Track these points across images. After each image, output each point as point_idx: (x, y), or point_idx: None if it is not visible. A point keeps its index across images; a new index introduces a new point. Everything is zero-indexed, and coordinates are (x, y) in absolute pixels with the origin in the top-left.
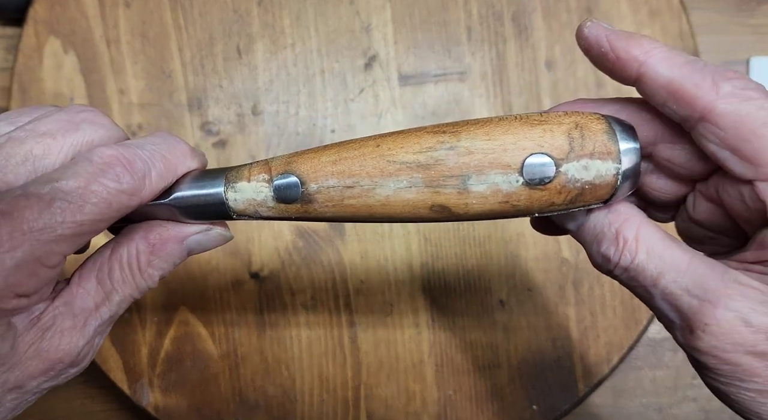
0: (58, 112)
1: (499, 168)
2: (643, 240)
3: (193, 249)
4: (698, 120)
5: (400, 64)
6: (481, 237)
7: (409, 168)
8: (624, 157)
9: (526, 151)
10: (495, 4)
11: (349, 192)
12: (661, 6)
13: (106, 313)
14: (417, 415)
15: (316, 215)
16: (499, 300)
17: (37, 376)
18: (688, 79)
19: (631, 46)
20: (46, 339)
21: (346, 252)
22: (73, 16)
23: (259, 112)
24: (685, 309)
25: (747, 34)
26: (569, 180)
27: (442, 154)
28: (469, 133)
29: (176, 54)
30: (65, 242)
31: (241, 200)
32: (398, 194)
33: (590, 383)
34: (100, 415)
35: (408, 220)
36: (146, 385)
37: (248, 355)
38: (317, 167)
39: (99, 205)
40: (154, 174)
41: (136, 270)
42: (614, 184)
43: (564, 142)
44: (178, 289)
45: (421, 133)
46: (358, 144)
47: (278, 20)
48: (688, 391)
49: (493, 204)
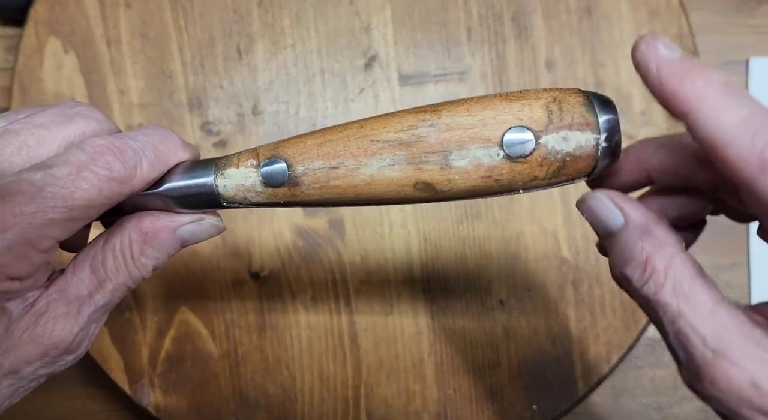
0: (53, 107)
1: (479, 142)
2: (672, 274)
3: (186, 239)
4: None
5: (400, 64)
6: (481, 237)
7: (391, 146)
8: (603, 127)
9: (506, 125)
10: (495, 5)
11: (335, 173)
12: (661, 6)
13: (100, 300)
14: (417, 414)
15: (303, 198)
16: (499, 300)
17: (32, 362)
18: (733, 147)
19: (682, 86)
20: (40, 324)
21: (346, 252)
22: (74, 17)
23: (259, 112)
24: (697, 357)
25: (746, 35)
26: (549, 152)
27: (423, 131)
28: (449, 110)
29: (176, 54)
30: (56, 226)
31: (230, 186)
32: (382, 172)
33: (590, 383)
34: (101, 415)
35: (394, 201)
36: (147, 384)
37: (248, 354)
38: (303, 150)
39: (90, 191)
40: (145, 163)
41: (129, 259)
42: (595, 155)
43: (543, 115)
44: (178, 289)
45: (402, 113)
46: (343, 127)
47: (278, 20)
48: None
49: (476, 179)
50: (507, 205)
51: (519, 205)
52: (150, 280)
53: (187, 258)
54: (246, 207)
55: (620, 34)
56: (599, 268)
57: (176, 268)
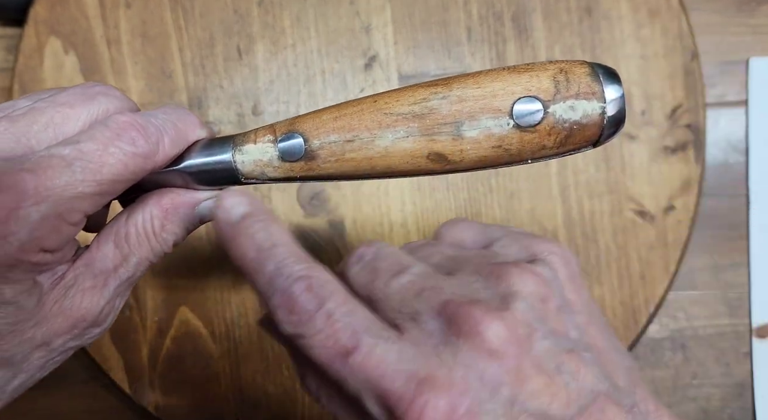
0: (74, 87)
1: (490, 112)
2: None
3: (205, 216)
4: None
5: (400, 65)
6: None
7: (405, 118)
8: (608, 96)
9: (515, 95)
10: (495, 5)
11: (350, 146)
12: (661, 6)
13: (125, 274)
14: None
15: (319, 172)
16: None
17: (62, 334)
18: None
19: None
20: (68, 297)
21: (346, 252)
22: (74, 17)
23: (259, 113)
24: None
25: (746, 35)
26: (557, 121)
27: (436, 103)
28: (460, 83)
29: (176, 54)
30: (86, 200)
31: (248, 162)
32: (396, 144)
33: None
34: (101, 414)
35: (408, 173)
36: (147, 384)
37: (249, 354)
38: (318, 124)
39: (116, 166)
40: (166, 140)
41: (151, 233)
42: (601, 123)
43: (550, 85)
44: (178, 289)
45: (415, 87)
46: (357, 102)
47: (278, 21)
48: (687, 391)
49: (487, 149)
50: (507, 205)
51: (519, 205)
52: (150, 279)
53: (187, 257)
54: (263, 183)
55: (620, 34)
56: (599, 268)
57: (176, 267)
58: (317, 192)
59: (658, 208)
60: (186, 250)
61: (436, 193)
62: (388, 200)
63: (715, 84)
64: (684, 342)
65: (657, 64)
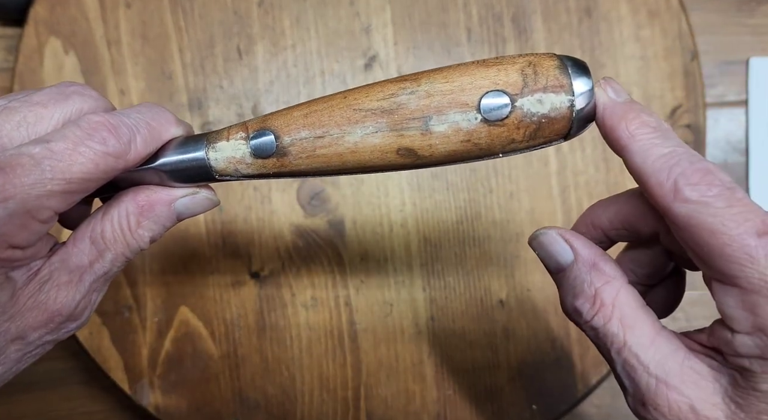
0: (50, 87)
1: (457, 107)
2: (619, 307)
3: (182, 212)
4: (662, 215)
5: (400, 65)
6: (481, 237)
7: (374, 114)
8: (576, 90)
9: (483, 90)
10: (495, 6)
11: (320, 142)
12: (661, 6)
13: (101, 269)
14: (417, 414)
15: (291, 168)
16: (498, 300)
17: (37, 328)
18: (654, 177)
19: (617, 127)
20: (44, 292)
21: (346, 252)
22: (74, 17)
23: (259, 113)
24: (641, 384)
25: (746, 35)
26: (525, 114)
27: (404, 98)
28: (428, 78)
29: (176, 55)
30: (55, 198)
31: (221, 159)
32: (365, 140)
33: (589, 383)
34: (101, 414)
35: (379, 168)
36: (147, 385)
37: (248, 355)
38: (289, 121)
39: (86, 165)
40: (139, 139)
41: (127, 230)
42: (569, 116)
43: (518, 79)
44: (178, 289)
45: (384, 82)
46: (328, 98)
47: (278, 21)
48: None
49: (456, 143)
50: (507, 205)
51: (519, 205)
52: (150, 280)
53: (187, 258)
54: (238, 180)
55: (620, 34)
56: None
57: (176, 268)
58: (317, 192)
59: None
60: (186, 250)
61: (436, 193)
62: (388, 200)
63: (715, 84)
64: None
65: (657, 64)
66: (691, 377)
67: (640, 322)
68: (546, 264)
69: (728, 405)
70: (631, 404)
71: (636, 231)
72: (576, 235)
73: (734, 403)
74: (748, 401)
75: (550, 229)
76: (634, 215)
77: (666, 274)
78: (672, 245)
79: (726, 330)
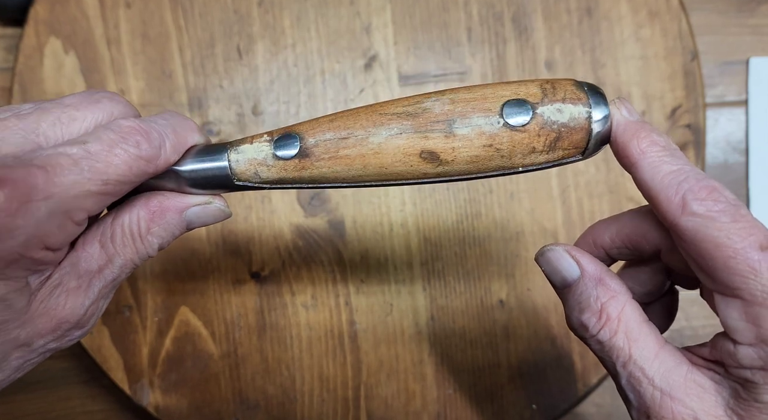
0: (80, 92)
1: (481, 112)
2: (624, 321)
3: (192, 221)
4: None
5: (400, 65)
6: (481, 237)
7: (399, 117)
8: (593, 102)
9: (504, 98)
10: (495, 5)
11: (344, 143)
12: (661, 7)
13: (109, 275)
14: (417, 414)
15: (311, 172)
16: (499, 300)
17: (44, 335)
18: (663, 192)
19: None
20: (54, 297)
21: (346, 252)
22: (74, 17)
23: (259, 113)
24: (646, 397)
25: (746, 35)
26: (546, 122)
27: (429, 104)
28: (452, 91)
29: (177, 54)
30: (91, 199)
31: (242, 160)
32: (389, 141)
33: (589, 383)
34: (101, 414)
35: (401, 175)
36: (147, 385)
37: (248, 354)
38: (315, 125)
39: (121, 167)
40: (168, 144)
41: (137, 235)
42: (587, 128)
43: (537, 91)
44: (178, 289)
45: (410, 95)
46: (354, 108)
47: (279, 21)
48: None
49: (478, 147)
50: (507, 205)
51: (519, 205)
52: (150, 280)
53: (187, 258)
54: (256, 187)
55: (620, 34)
56: None
57: (176, 268)
58: (317, 192)
59: None
60: (186, 250)
61: (436, 193)
62: (388, 200)
63: (715, 84)
64: (684, 342)
65: (657, 64)
66: (694, 390)
67: (644, 336)
68: (552, 279)
69: (730, 417)
70: (635, 417)
71: (638, 249)
72: (581, 251)
73: (736, 414)
74: (749, 413)
75: (556, 245)
76: (636, 233)
77: (663, 292)
78: (673, 261)
79: (729, 342)
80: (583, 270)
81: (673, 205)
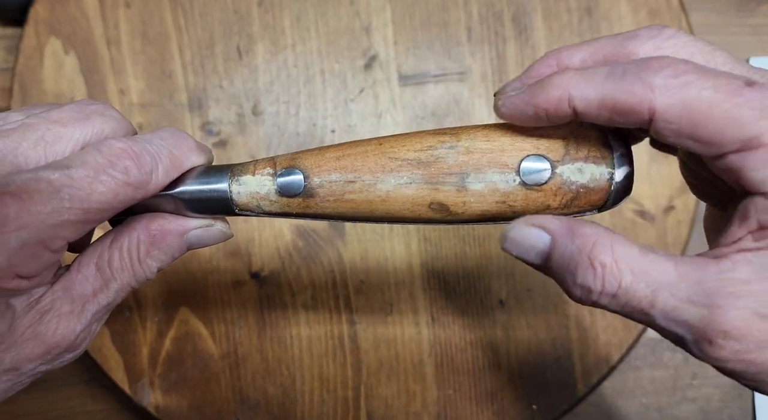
0: (70, 104)
1: (496, 167)
2: (622, 260)
3: (193, 244)
4: (649, 122)
5: (400, 65)
6: (481, 237)
7: (410, 165)
8: (617, 162)
9: (524, 152)
10: (495, 5)
11: (351, 186)
12: (661, 6)
13: (104, 299)
14: (417, 414)
15: (316, 210)
16: (499, 300)
17: (33, 359)
18: (619, 91)
19: (549, 91)
20: (44, 322)
21: (346, 252)
22: (74, 17)
23: (259, 113)
24: (695, 321)
25: (747, 35)
26: (564, 182)
27: (443, 152)
28: (469, 134)
29: (176, 54)
30: (70, 228)
31: (244, 193)
32: (398, 190)
33: (589, 383)
34: (101, 414)
35: (407, 220)
36: (147, 384)
37: (248, 354)
38: (321, 162)
39: (106, 195)
40: (160, 169)
41: (136, 259)
42: (608, 189)
43: (560, 146)
44: (178, 289)
45: (422, 133)
46: (362, 142)
47: (278, 21)
48: (687, 391)
49: (491, 204)
50: None
51: None
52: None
53: (187, 258)
54: (257, 215)
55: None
56: None
57: (176, 268)
58: None
59: (658, 208)
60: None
61: None
62: None
63: None
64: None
65: None
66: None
67: (652, 263)
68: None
69: None
70: (697, 351)
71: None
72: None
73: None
74: None
75: (514, 222)
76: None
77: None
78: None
79: (761, 198)
80: (551, 231)
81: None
